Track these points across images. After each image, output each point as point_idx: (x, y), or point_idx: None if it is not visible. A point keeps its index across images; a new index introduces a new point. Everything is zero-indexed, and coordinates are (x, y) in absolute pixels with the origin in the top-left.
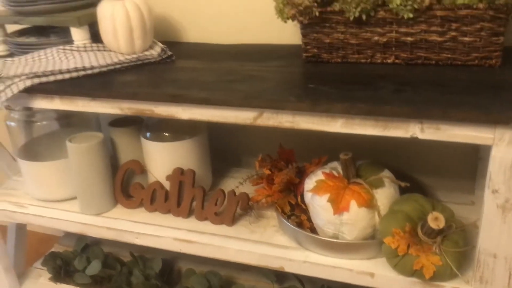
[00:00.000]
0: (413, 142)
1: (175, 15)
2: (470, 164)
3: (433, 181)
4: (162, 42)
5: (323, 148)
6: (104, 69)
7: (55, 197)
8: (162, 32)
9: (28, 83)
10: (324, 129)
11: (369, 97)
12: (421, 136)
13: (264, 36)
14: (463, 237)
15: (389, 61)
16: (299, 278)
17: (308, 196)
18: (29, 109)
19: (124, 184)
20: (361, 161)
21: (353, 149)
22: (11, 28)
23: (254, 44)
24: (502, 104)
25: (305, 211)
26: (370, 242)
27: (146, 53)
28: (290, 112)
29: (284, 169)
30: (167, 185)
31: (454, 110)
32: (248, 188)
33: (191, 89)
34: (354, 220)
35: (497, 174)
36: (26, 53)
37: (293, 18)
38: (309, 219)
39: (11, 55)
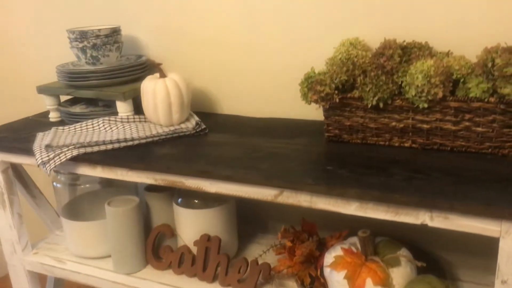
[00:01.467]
0: None
1: (212, 89)
2: (492, 243)
3: (455, 258)
4: (199, 113)
5: (346, 219)
6: (143, 141)
7: (91, 255)
8: (200, 104)
9: (75, 153)
10: (339, 211)
11: (382, 184)
12: (430, 224)
13: (293, 111)
14: None
15: (406, 145)
16: None
17: (327, 271)
18: (74, 173)
19: (155, 246)
20: (380, 238)
21: (375, 222)
22: (63, 96)
23: (282, 118)
24: (509, 200)
25: (325, 284)
26: None
27: (182, 125)
28: (308, 193)
29: (306, 241)
30: (194, 250)
31: (460, 203)
32: (272, 256)
33: (218, 165)
34: None
35: (505, 266)
36: (76, 121)
37: (315, 102)
38: None
39: (61, 121)
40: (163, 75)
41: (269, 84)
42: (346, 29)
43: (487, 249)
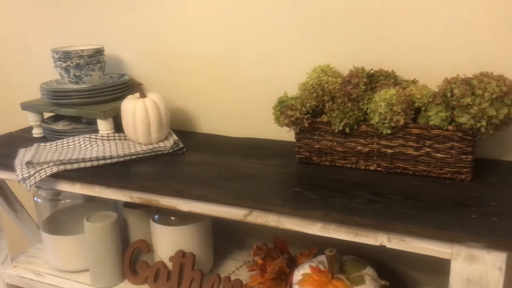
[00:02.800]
0: None
1: (192, 109)
2: None
3: (420, 276)
4: (179, 131)
5: (317, 237)
6: (121, 159)
7: (70, 269)
8: (180, 122)
9: (55, 169)
10: (304, 231)
11: (344, 206)
12: (388, 245)
13: (268, 132)
14: None
15: (371, 168)
16: None
17: None
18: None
19: (132, 261)
20: (347, 257)
21: (345, 241)
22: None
23: (258, 139)
24: (460, 224)
25: None
26: None
27: (161, 144)
28: (276, 214)
29: (277, 259)
30: (170, 265)
31: (415, 227)
32: (245, 273)
33: (192, 185)
34: None
35: (456, 285)
36: (58, 138)
37: (286, 125)
38: None
39: (44, 137)
40: (143, 95)
41: (247, 105)
42: (319, 56)
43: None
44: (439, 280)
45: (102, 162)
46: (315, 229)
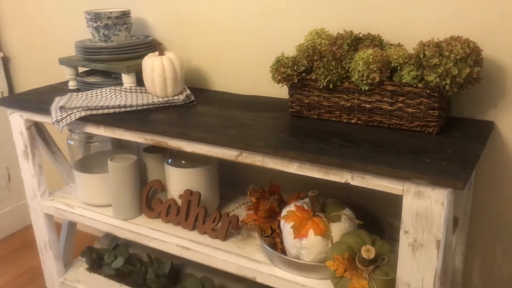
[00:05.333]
0: None
1: (206, 68)
2: None
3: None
4: (194, 88)
5: (313, 183)
6: (139, 107)
7: (96, 203)
8: (196, 80)
9: (83, 114)
10: (284, 169)
11: (317, 149)
12: (352, 182)
13: (271, 90)
14: (395, 269)
15: (352, 121)
16: None
17: (281, 223)
18: (84, 132)
19: (149, 198)
20: (330, 199)
21: (337, 186)
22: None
23: (261, 96)
24: (412, 165)
25: (280, 234)
26: (322, 265)
27: (175, 97)
28: (261, 154)
29: (269, 199)
30: (180, 202)
31: (371, 166)
32: (244, 212)
33: (195, 130)
34: (310, 245)
35: (407, 218)
36: (88, 89)
37: (279, 81)
38: (282, 242)
39: (77, 89)
40: (161, 54)
41: (253, 66)
42: (316, 20)
43: None
44: None
45: (123, 109)
46: (293, 168)
